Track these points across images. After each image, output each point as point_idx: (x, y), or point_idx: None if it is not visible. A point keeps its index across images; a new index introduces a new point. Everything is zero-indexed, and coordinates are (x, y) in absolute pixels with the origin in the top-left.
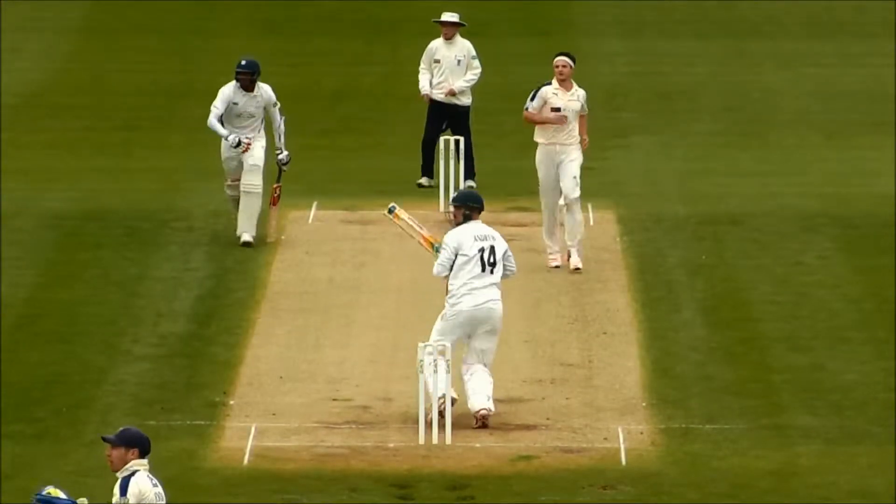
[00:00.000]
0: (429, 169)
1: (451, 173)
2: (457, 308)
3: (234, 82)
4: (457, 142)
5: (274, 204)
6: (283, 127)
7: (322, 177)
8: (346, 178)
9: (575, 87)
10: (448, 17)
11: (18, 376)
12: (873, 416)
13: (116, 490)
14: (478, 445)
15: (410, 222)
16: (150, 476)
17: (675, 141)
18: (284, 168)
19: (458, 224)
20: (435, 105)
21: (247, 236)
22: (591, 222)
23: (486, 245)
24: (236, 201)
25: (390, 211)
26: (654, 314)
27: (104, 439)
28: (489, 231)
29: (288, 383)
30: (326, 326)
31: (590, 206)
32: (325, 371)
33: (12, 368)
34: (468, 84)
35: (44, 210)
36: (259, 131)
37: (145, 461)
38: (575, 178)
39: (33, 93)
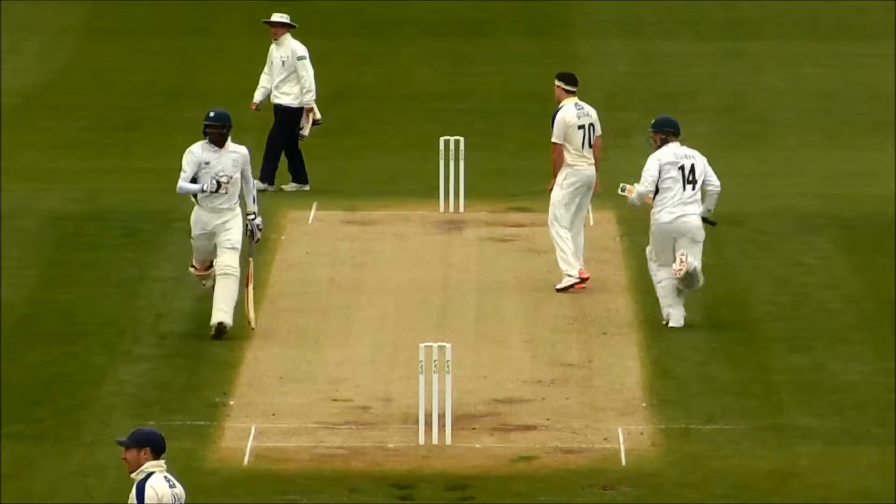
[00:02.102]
0: (270, 174)
1: (450, 173)
2: (655, 225)
3: (202, 141)
4: (457, 142)
5: (247, 284)
6: (255, 190)
7: (322, 177)
8: (346, 178)
9: None
10: (275, 17)
11: (18, 376)
12: (873, 416)
13: (133, 498)
14: (478, 446)
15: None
16: (168, 477)
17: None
18: (258, 236)
19: (657, 148)
20: (275, 108)
21: (225, 318)
22: (591, 222)
23: (687, 163)
24: (209, 288)
25: (622, 189)
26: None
27: (119, 442)
28: (688, 151)
29: (288, 383)
30: (326, 326)
31: (590, 207)
32: (325, 371)
33: (12, 368)
34: (309, 94)
35: (44, 210)
36: (235, 202)
37: (161, 462)
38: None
39: (33, 93)
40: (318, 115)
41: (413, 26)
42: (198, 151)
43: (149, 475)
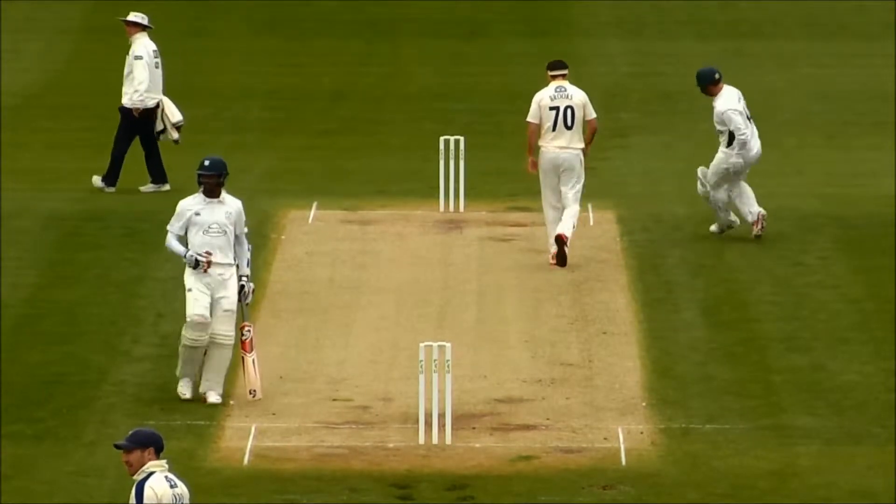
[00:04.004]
0: (110, 177)
1: (450, 173)
2: (732, 163)
3: (195, 195)
4: (457, 142)
5: (247, 349)
6: (249, 254)
7: (322, 177)
8: (346, 178)
9: None
10: (130, 16)
11: (18, 376)
12: (873, 416)
13: (132, 498)
14: (478, 445)
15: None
16: (169, 476)
17: (675, 141)
18: (247, 302)
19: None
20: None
21: (214, 396)
22: (591, 222)
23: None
24: (195, 352)
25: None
26: (654, 314)
27: (117, 447)
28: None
29: (288, 383)
30: (326, 326)
31: (590, 207)
32: (325, 371)
33: (12, 368)
34: (136, 95)
35: (44, 210)
36: (231, 257)
37: (163, 462)
38: None
39: (33, 93)
40: (177, 118)
41: (413, 26)
42: (187, 201)
43: (149, 475)
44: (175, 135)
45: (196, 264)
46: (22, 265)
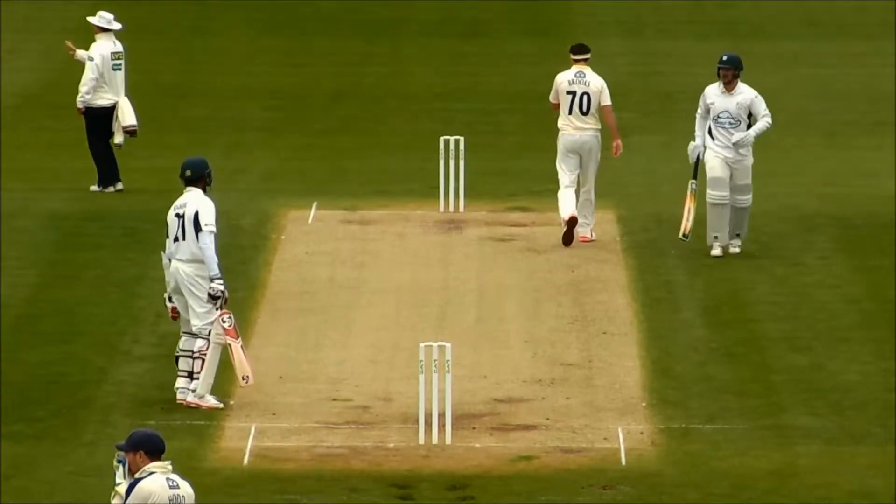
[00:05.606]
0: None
1: (450, 173)
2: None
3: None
4: (457, 142)
5: (234, 336)
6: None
7: (322, 177)
8: (346, 178)
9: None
10: (91, 19)
11: (18, 376)
12: (873, 416)
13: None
14: (478, 445)
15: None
16: (171, 477)
17: (675, 141)
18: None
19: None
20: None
21: (212, 399)
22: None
23: None
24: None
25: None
26: (654, 314)
27: (117, 447)
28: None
29: (288, 383)
30: (326, 326)
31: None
32: (325, 371)
33: (12, 368)
34: (79, 95)
35: (44, 210)
36: None
37: (165, 463)
38: None
39: (33, 93)
40: (129, 122)
41: (413, 26)
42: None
43: (148, 475)
44: (119, 138)
45: (216, 300)
46: (22, 265)
